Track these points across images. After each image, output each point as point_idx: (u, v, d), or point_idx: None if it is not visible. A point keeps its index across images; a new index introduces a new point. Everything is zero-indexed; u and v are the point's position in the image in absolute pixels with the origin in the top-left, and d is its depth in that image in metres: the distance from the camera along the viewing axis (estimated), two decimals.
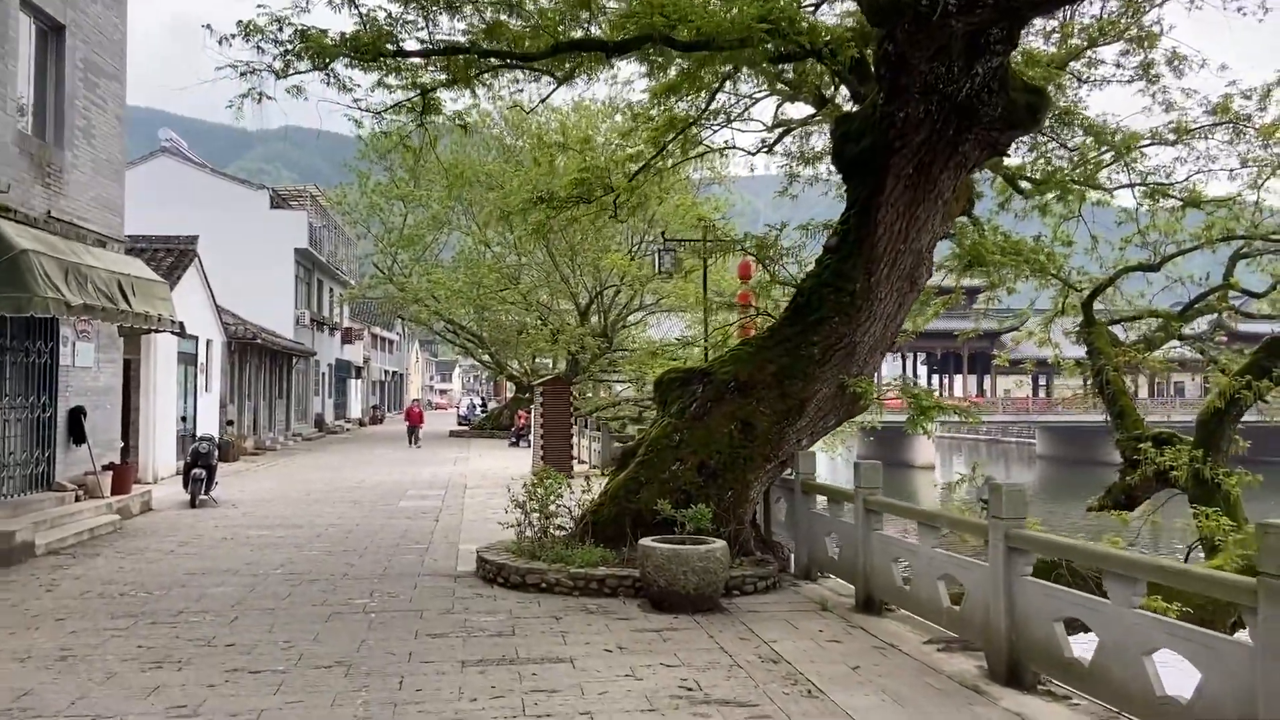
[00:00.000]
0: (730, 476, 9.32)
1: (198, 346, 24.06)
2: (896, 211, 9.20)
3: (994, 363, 70.89)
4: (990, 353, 71.33)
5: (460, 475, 22.12)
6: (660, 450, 9.50)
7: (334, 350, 47.91)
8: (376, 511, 15.19)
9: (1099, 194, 16.18)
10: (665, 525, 8.98)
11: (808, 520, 9.31)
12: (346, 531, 12.85)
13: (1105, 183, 16.01)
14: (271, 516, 14.43)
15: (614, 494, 9.54)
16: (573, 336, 36.33)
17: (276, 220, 38.14)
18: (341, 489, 18.74)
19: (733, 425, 9.41)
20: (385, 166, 41.48)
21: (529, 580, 8.72)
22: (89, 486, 13.93)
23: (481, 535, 12.41)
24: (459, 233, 41.08)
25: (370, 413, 57.24)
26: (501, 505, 16.20)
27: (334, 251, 45.17)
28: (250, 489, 18.68)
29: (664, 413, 9.95)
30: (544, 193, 13.96)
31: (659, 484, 9.33)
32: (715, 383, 9.62)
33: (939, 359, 74.28)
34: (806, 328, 9.48)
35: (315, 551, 11.17)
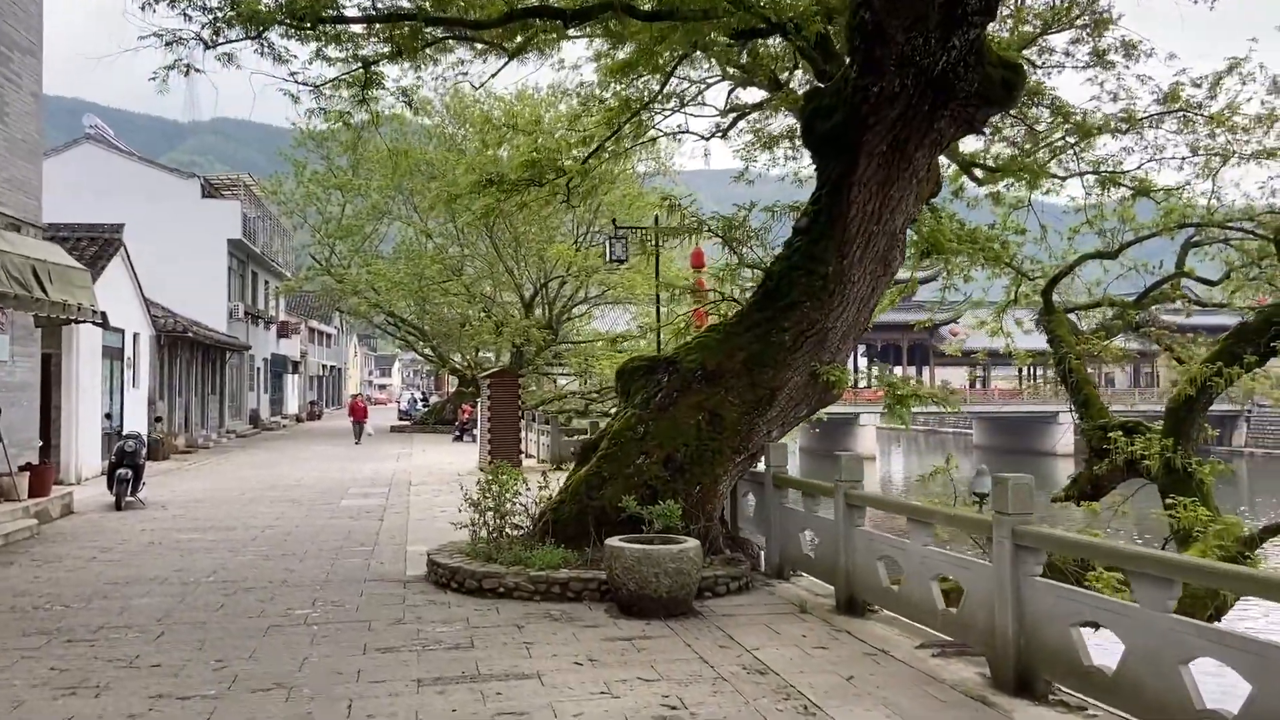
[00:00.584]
0: (698, 470, 8.82)
1: (124, 340, 22.86)
2: (870, 191, 8.78)
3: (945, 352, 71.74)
4: (929, 344, 72.18)
5: (404, 472, 21.33)
6: (624, 443, 8.96)
7: (269, 344, 46.42)
8: (317, 511, 14.41)
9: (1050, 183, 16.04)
10: (631, 523, 8.46)
11: (780, 516, 8.85)
12: (285, 534, 12.08)
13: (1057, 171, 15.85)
14: (203, 518, 13.57)
15: (575, 490, 8.98)
16: (518, 329, 35.58)
17: (208, 210, 36.66)
18: (279, 488, 17.86)
19: (700, 416, 8.91)
20: (322, 155, 40.26)
21: (486, 585, 8.12)
22: (3, 489, 12.95)
23: (430, 535, 11.75)
24: (400, 223, 40.02)
25: (308, 408, 55.74)
26: (449, 503, 15.58)
27: (269, 243, 43.70)
28: (181, 489, 17.71)
29: (627, 404, 9.40)
30: (493, 175, 13.29)
31: (623, 479, 8.80)
32: (681, 371, 9.10)
33: (878, 350, 74.83)
34: (777, 313, 9.01)
35: (251, 556, 10.41)
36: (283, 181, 39.54)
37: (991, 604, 5.49)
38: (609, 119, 12.79)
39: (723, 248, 10.36)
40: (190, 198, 36.28)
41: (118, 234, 22.24)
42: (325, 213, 39.56)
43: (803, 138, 9.67)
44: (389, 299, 38.27)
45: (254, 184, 40.64)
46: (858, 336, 9.37)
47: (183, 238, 34.37)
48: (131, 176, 35.28)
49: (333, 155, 40.07)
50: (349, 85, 11.03)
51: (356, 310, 41.56)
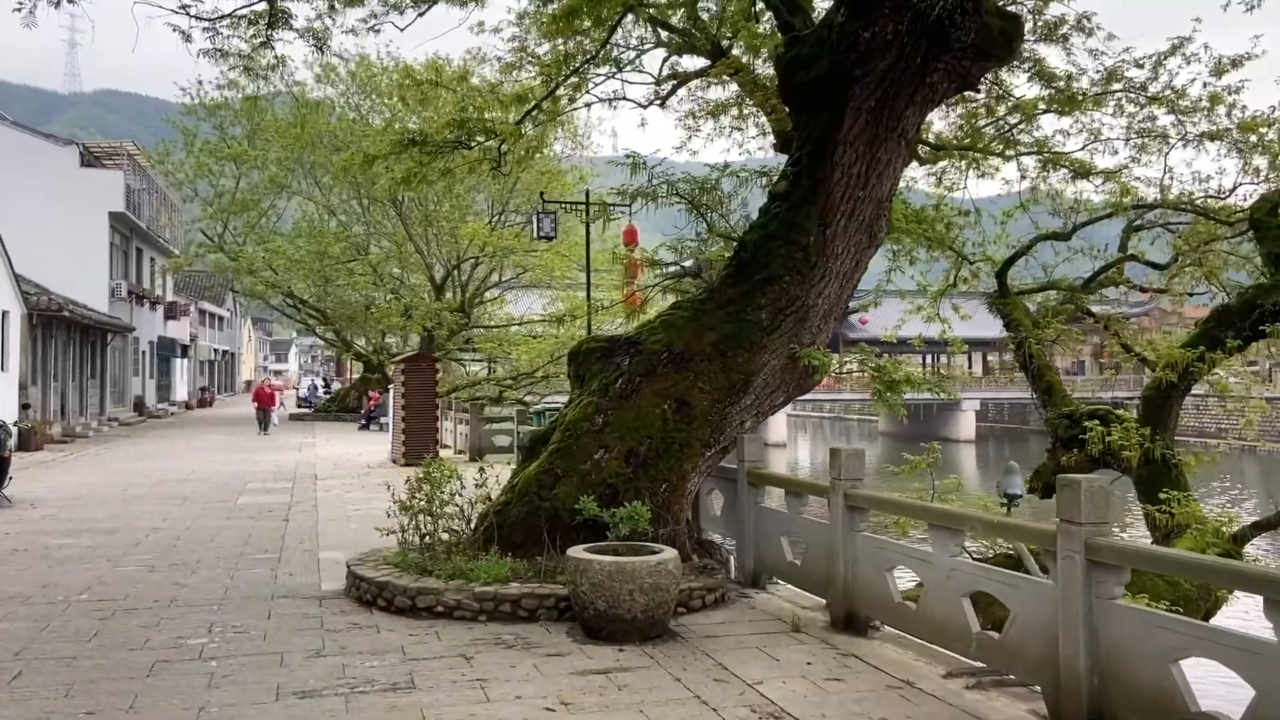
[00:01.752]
0: (664, 466, 7.76)
1: None
2: (856, 152, 7.83)
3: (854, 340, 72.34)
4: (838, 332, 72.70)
5: (308, 464, 19.71)
6: (579, 436, 7.84)
7: (156, 327, 43.50)
8: (211, 510, 12.85)
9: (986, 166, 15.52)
10: (589, 528, 7.37)
11: (756, 517, 7.86)
12: (174, 538, 10.57)
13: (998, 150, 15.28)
14: (79, 519, 11.90)
15: (524, 490, 7.81)
16: (429, 312, 33.89)
17: (87, 180, 33.81)
18: (167, 483, 16.12)
19: (666, 405, 7.84)
20: (215, 124, 37.68)
21: (421, 603, 6.90)
22: None
23: (344, 539, 10.43)
24: (300, 199, 37.74)
25: (199, 395, 52.67)
26: (361, 500, 14.18)
27: (155, 218, 40.81)
28: (54, 484, 15.81)
29: (582, 390, 8.26)
30: (415, 135, 11.91)
31: (579, 477, 7.68)
32: (645, 354, 8.02)
33: None
34: (752, 288, 8.00)
35: (134, 566, 8.93)
36: (170, 151, 36.81)
37: (1051, 631, 4.59)
38: (547, 74, 11.58)
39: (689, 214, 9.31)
40: (67, 167, 33.41)
41: None
42: (218, 186, 37.00)
43: (780, 91, 8.67)
44: (288, 279, 36.07)
45: (138, 153, 37.78)
46: (839, 316, 8.43)
47: (59, 210, 31.65)
48: (1, 141, 32.28)
49: (226, 125, 37.57)
50: (251, 22, 9.58)
51: (252, 291, 39.13)
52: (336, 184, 36.09)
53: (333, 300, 37.92)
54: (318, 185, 36.86)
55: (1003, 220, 16.43)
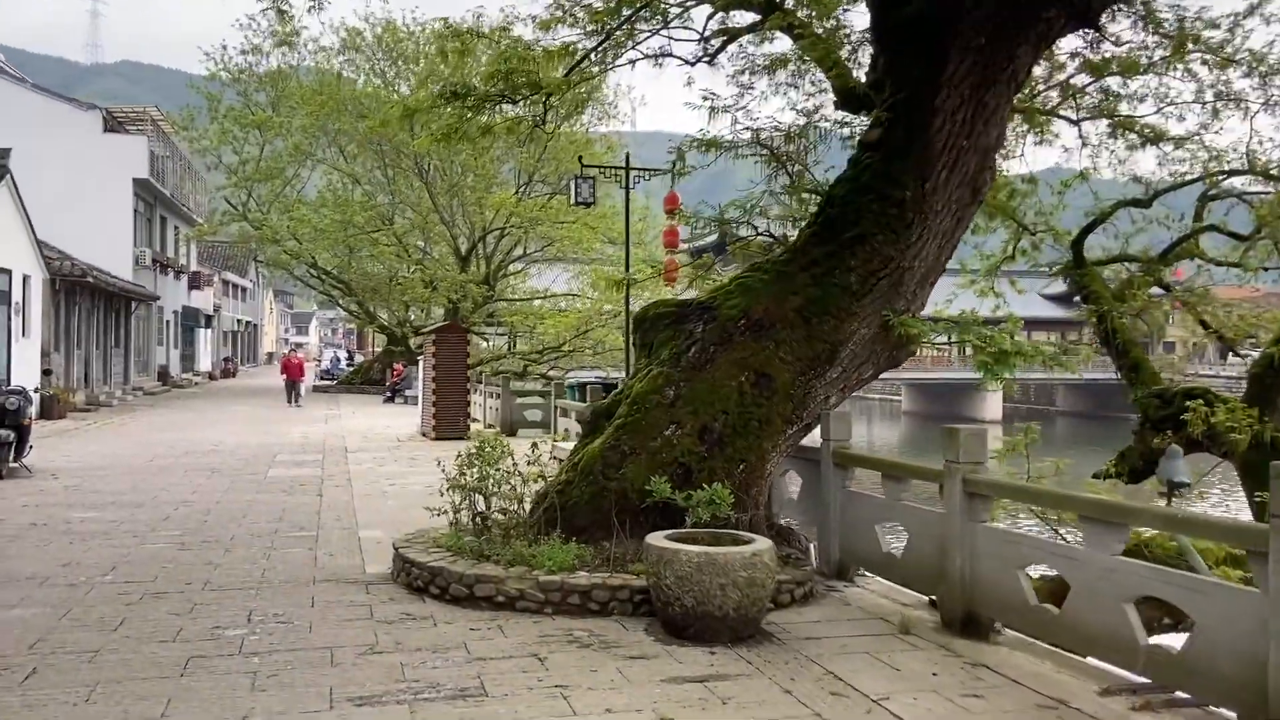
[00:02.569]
0: (741, 444, 7.02)
1: (10, 282, 20.06)
2: (960, 96, 7.01)
3: None
4: None
5: (337, 436, 19.11)
6: (648, 410, 7.10)
7: (180, 296, 43.07)
8: (242, 483, 12.24)
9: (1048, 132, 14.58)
10: (660, 511, 6.66)
11: (842, 502, 7.12)
12: (205, 512, 9.95)
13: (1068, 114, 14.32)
14: (103, 491, 11.31)
15: (587, 468, 7.09)
16: (454, 284, 33.21)
17: (111, 146, 33.25)
18: (194, 453, 15.54)
19: (744, 376, 7.09)
20: (239, 91, 36.98)
21: (479, 592, 6.21)
22: None
23: (383, 516, 9.78)
24: (325, 167, 37.03)
25: (222, 365, 52.34)
26: (395, 474, 13.53)
27: (179, 185, 40.28)
28: (77, 454, 15.27)
29: (650, 360, 7.52)
30: (457, 87, 11.14)
31: (648, 455, 6.95)
32: (720, 321, 7.26)
33: None
34: (840, 248, 7.22)
35: (162, 543, 8.30)
36: (194, 117, 36.15)
37: (1252, 648, 3.84)
38: (599, 21, 10.77)
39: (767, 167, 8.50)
40: (91, 131, 32.83)
41: (3, 159, 19.34)
42: (242, 154, 36.32)
43: (871, 31, 7.84)
44: (311, 248, 35.46)
45: (162, 119, 37.17)
46: (935, 280, 7.64)
47: (83, 176, 31.13)
48: (23, 106, 31.66)
49: (250, 92, 36.87)
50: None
51: (276, 260, 38.56)
52: (361, 152, 35.45)
53: (356, 271, 37.32)
54: (342, 154, 36.17)
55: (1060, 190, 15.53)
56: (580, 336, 33.74)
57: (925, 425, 65.31)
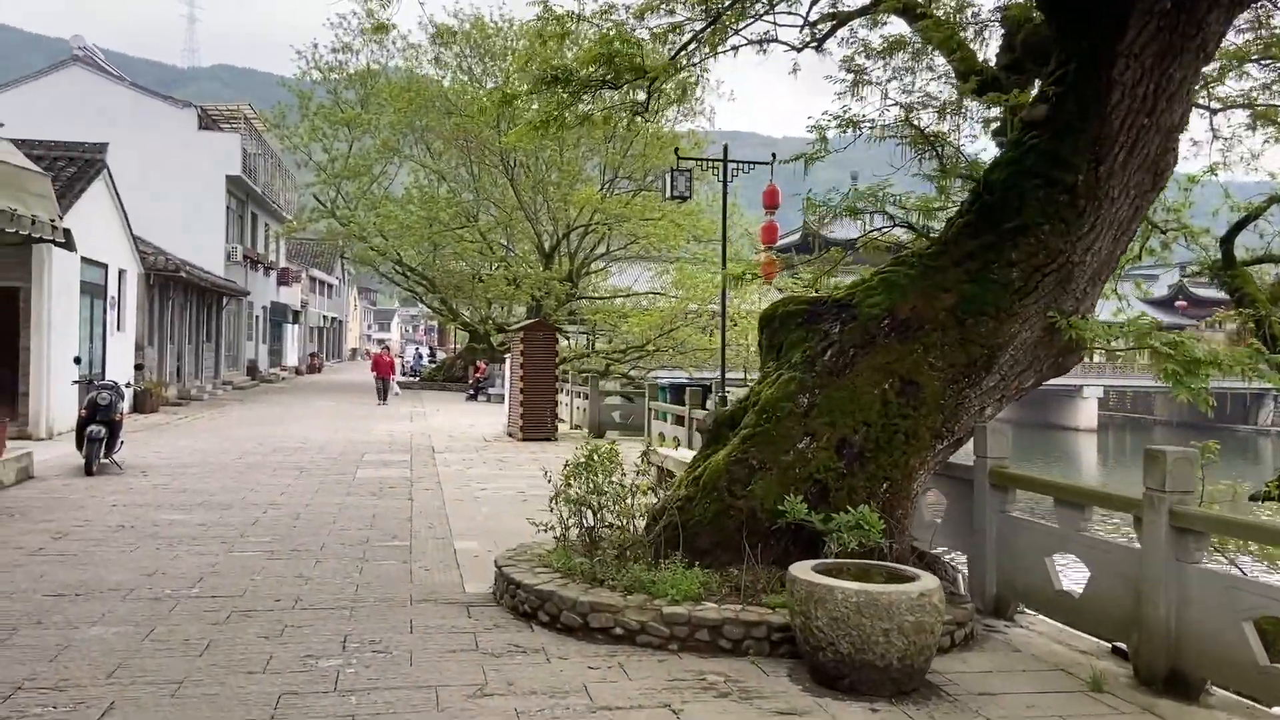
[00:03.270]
0: (885, 460, 6.23)
1: (107, 276, 20.19)
2: (1141, 68, 6.11)
3: None
4: None
5: (423, 435, 18.77)
6: (779, 419, 6.35)
7: (269, 292, 43.69)
8: (330, 484, 11.85)
9: None
10: (792, 533, 5.94)
11: (1001, 529, 6.28)
12: (294, 516, 9.52)
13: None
14: (191, 490, 11.01)
15: (710, 483, 6.38)
16: (538, 281, 32.87)
17: (205, 143, 33.76)
18: (282, 450, 15.29)
19: (888, 384, 6.31)
20: (329, 89, 37.29)
21: (594, 622, 5.55)
22: None
23: (477, 525, 9.23)
24: (412, 164, 37.09)
25: (308, 360, 53.10)
26: (485, 477, 13.00)
27: (270, 183, 40.82)
28: (167, 449, 15.14)
29: (778, 363, 6.77)
30: (558, 72, 10.55)
31: (779, 470, 6.21)
32: (860, 321, 6.48)
33: None
34: (999, 240, 6.38)
35: (252, 551, 7.84)
36: (285, 114, 36.53)
37: None
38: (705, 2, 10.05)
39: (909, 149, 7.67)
40: (186, 129, 33.38)
41: (100, 154, 19.47)
42: (331, 151, 36.59)
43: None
44: (397, 244, 35.52)
45: (255, 117, 37.65)
46: (1108, 276, 6.74)
47: (177, 172, 31.64)
48: (122, 104, 32.35)
49: (340, 89, 37.15)
50: None
51: (362, 257, 38.78)
52: (447, 149, 35.40)
53: (440, 269, 37.29)
54: (429, 151, 36.16)
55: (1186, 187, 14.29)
56: (664, 336, 33.10)
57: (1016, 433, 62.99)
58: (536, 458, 15.22)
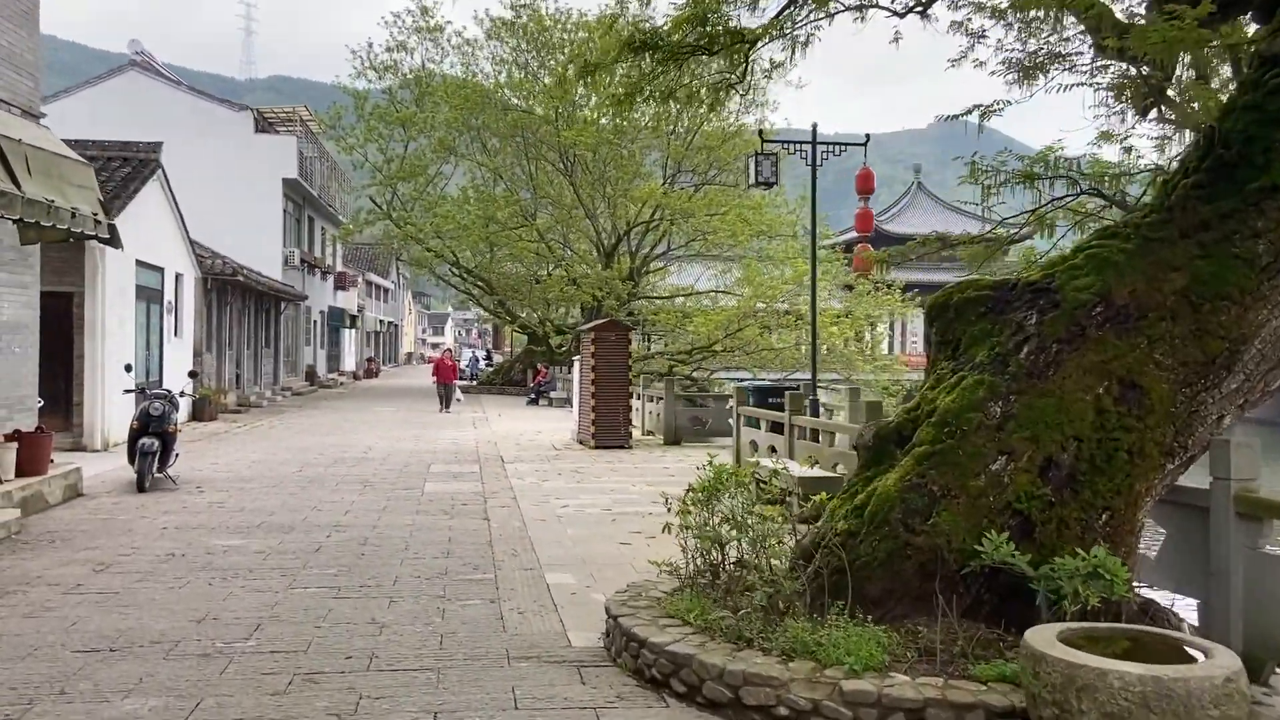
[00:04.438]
0: (1103, 484, 4.94)
1: (164, 281, 19.51)
2: None
3: None
4: None
5: (488, 443, 17.73)
6: (965, 434, 5.08)
7: (326, 296, 43.27)
8: (397, 500, 10.81)
9: None
10: (988, 578, 4.69)
11: (1254, 571, 4.93)
12: (361, 541, 8.45)
13: None
14: (249, 509, 10.02)
15: (878, 515, 5.13)
16: (599, 281, 31.78)
17: (262, 146, 33.30)
18: (344, 461, 14.34)
19: (1102, 388, 5.01)
20: (384, 89, 36.64)
21: (749, 698, 4.34)
22: None
23: (565, 550, 8.08)
24: (468, 163, 36.24)
25: (365, 365, 52.72)
26: (563, 491, 11.70)
27: (326, 186, 40.34)
28: (225, 460, 14.27)
29: (955, 362, 5.50)
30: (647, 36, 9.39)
31: (968, 498, 4.94)
32: (1065, 309, 5.18)
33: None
34: (1243, 204, 5.06)
35: (315, 587, 6.77)
36: (341, 115, 35.93)
37: None
38: None
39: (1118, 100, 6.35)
40: (243, 132, 32.94)
41: (155, 153, 18.76)
42: (387, 151, 35.90)
43: None
44: (454, 245, 34.72)
45: (311, 119, 37.15)
46: None
47: (234, 176, 31.17)
48: (178, 107, 31.97)
49: (395, 89, 36.45)
50: None
51: (418, 259, 38.08)
52: (504, 146, 34.50)
53: (497, 271, 36.41)
54: (484, 148, 35.28)
55: None
56: (731, 336, 31.85)
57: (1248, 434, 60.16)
58: (614, 468, 14.07)
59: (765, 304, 31.74)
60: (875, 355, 37.80)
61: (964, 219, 67.44)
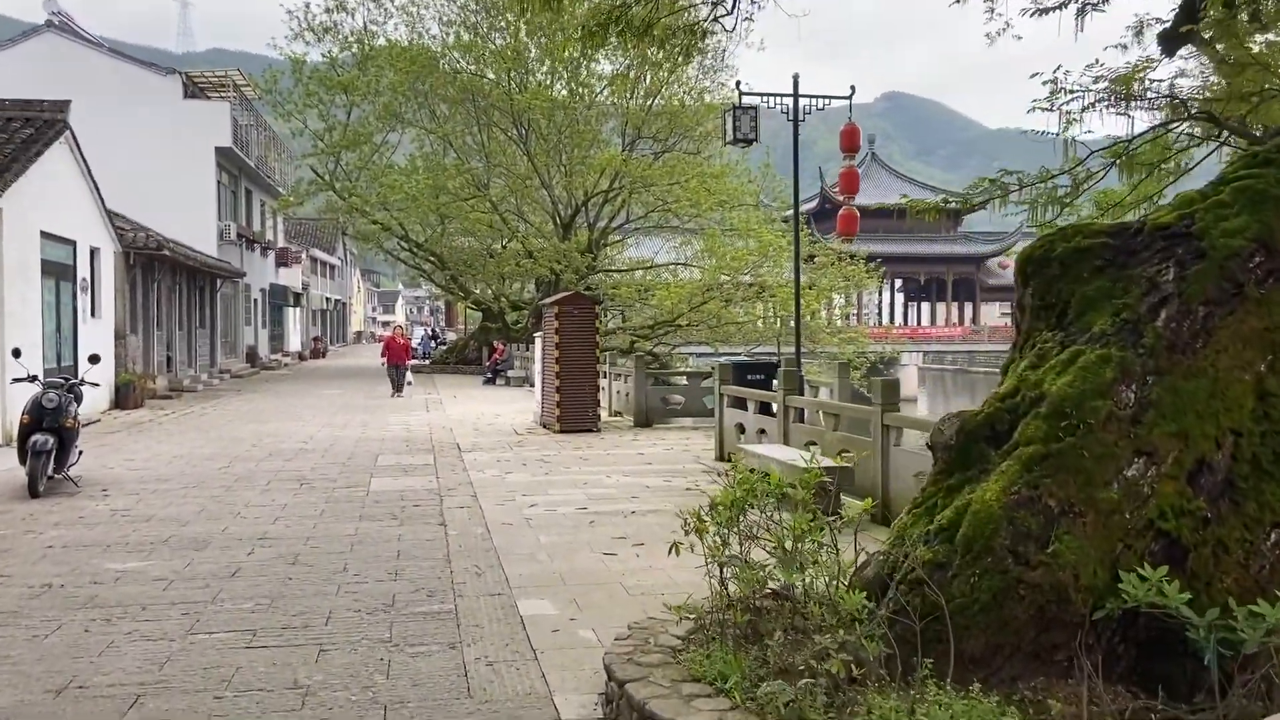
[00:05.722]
0: (1270, 492, 3.69)
1: (76, 255, 17.64)
2: None
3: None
4: (975, 278, 66.95)
5: (443, 428, 16.26)
6: (1089, 430, 3.78)
7: (268, 273, 41.12)
8: (338, 502, 9.34)
9: None
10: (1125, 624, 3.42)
11: None
12: (289, 560, 6.99)
13: None
14: (158, 519, 8.49)
15: (976, 541, 3.80)
16: (556, 253, 30.27)
17: (193, 113, 31.13)
18: (281, 454, 12.79)
19: (1264, 363, 3.76)
20: (323, 52, 34.50)
21: None
22: None
23: (540, 565, 6.70)
24: (415, 130, 34.30)
25: (311, 345, 50.60)
26: (527, 485, 10.27)
27: (264, 156, 38.14)
28: (142, 456, 12.64)
29: (1064, 333, 4.18)
30: None
31: (1099, 516, 3.65)
32: (1212, 259, 3.90)
33: (920, 285, 69.64)
34: None
35: (223, 629, 5.33)
36: (278, 79, 33.77)
37: None
38: None
39: None
40: (171, 98, 30.73)
41: (62, 114, 16.84)
42: (328, 118, 33.81)
43: None
44: (402, 217, 32.89)
45: (245, 84, 34.91)
46: None
47: (163, 145, 29.09)
48: (100, 71, 29.70)
49: (335, 52, 34.30)
50: None
51: (364, 233, 36.12)
52: (454, 112, 32.66)
53: (448, 245, 34.66)
54: (433, 115, 33.40)
55: None
56: (695, 310, 30.56)
57: None
58: (584, 456, 12.71)
59: (729, 276, 30.52)
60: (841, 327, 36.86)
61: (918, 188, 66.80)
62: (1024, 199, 6.10)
